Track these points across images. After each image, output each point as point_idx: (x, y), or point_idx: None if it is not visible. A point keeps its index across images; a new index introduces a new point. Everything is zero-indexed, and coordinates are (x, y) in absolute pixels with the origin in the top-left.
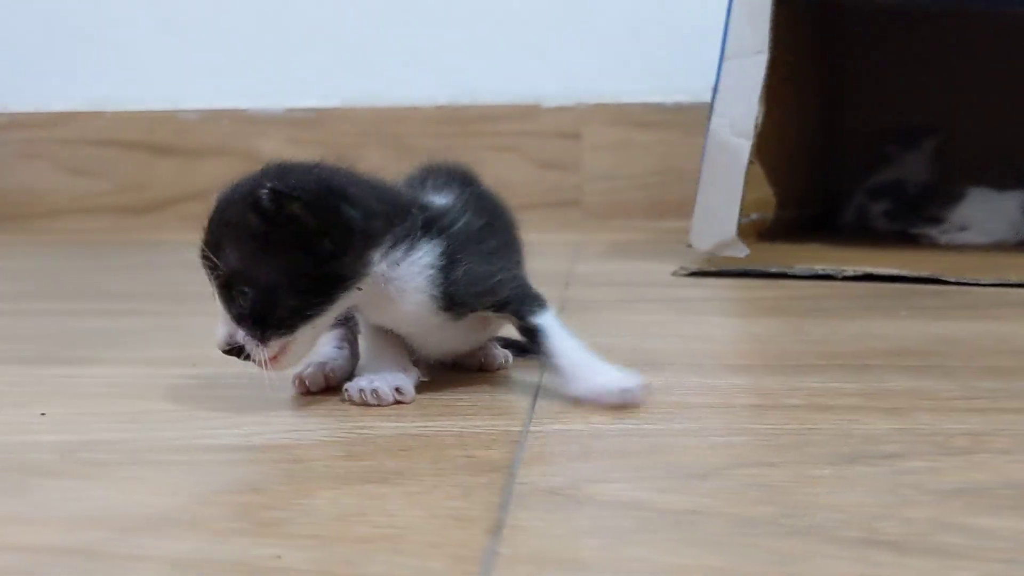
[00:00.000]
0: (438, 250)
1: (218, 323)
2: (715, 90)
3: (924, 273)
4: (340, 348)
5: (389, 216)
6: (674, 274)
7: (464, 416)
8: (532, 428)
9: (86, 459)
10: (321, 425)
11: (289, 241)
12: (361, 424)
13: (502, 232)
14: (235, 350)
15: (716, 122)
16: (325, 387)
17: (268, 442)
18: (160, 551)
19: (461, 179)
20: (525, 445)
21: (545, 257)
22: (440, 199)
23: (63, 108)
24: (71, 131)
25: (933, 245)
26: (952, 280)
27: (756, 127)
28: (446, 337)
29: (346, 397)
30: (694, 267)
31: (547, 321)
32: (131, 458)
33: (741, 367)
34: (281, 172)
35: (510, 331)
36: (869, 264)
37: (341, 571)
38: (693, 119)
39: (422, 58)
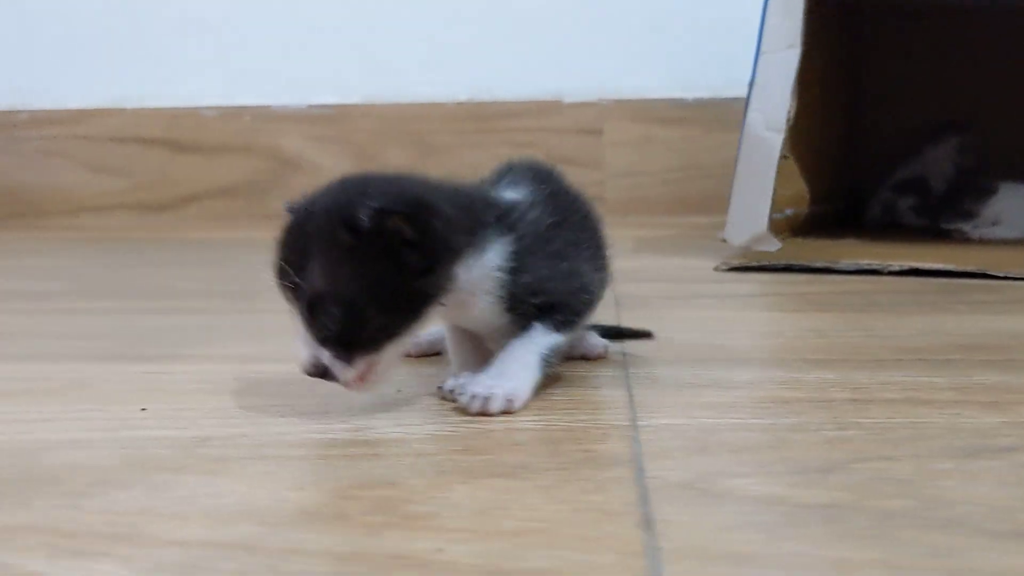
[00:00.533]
0: (507, 250)
1: (299, 345)
2: (751, 85)
3: (970, 268)
4: (468, 358)
5: (471, 227)
6: (716, 269)
7: (566, 411)
8: (640, 423)
9: (206, 455)
10: (424, 419)
11: (379, 258)
12: (465, 418)
13: (574, 230)
14: (319, 372)
15: (752, 117)
16: (404, 355)
17: (381, 436)
18: (317, 545)
19: (538, 176)
20: (640, 440)
21: None
22: (510, 195)
23: (83, 105)
24: (91, 128)
25: (966, 240)
26: (999, 275)
27: (788, 121)
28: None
29: (447, 396)
30: (736, 262)
31: (539, 333)
32: (251, 453)
33: (822, 362)
34: (366, 185)
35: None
36: (910, 259)
37: (506, 565)
38: (714, 115)
39: (442, 55)
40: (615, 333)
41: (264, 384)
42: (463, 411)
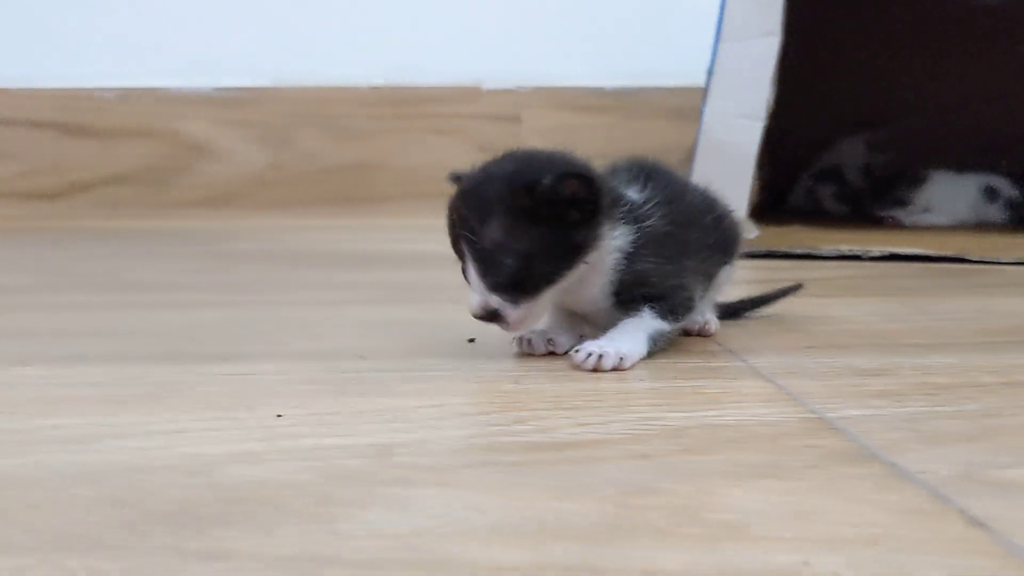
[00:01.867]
0: (630, 238)
1: (471, 292)
2: (710, 73)
3: (948, 253)
4: (562, 324)
5: (613, 204)
6: None
7: (733, 405)
8: (830, 415)
9: (408, 464)
10: (598, 417)
11: (550, 216)
12: (645, 416)
13: (685, 233)
14: (488, 315)
15: (714, 105)
16: (546, 353)
17: (575, 438)
18: (650, 563)
19: (657, 175)
20: (853, 432)
21: None
22: (635, 193)
23: None
24: None
25: (900, 226)
26: (975, 259)
27: (769, 108)
28: (613, 321)
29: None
30: None
31: (648, 315)
32: (456, 460)
33: (924, 347)
34: (535, 157)
35: None
36: (886, 245)
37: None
38: (634, 103)
39: (359, 36)
40: (754, 303)
41: (371, 382)
42: (578, 368)
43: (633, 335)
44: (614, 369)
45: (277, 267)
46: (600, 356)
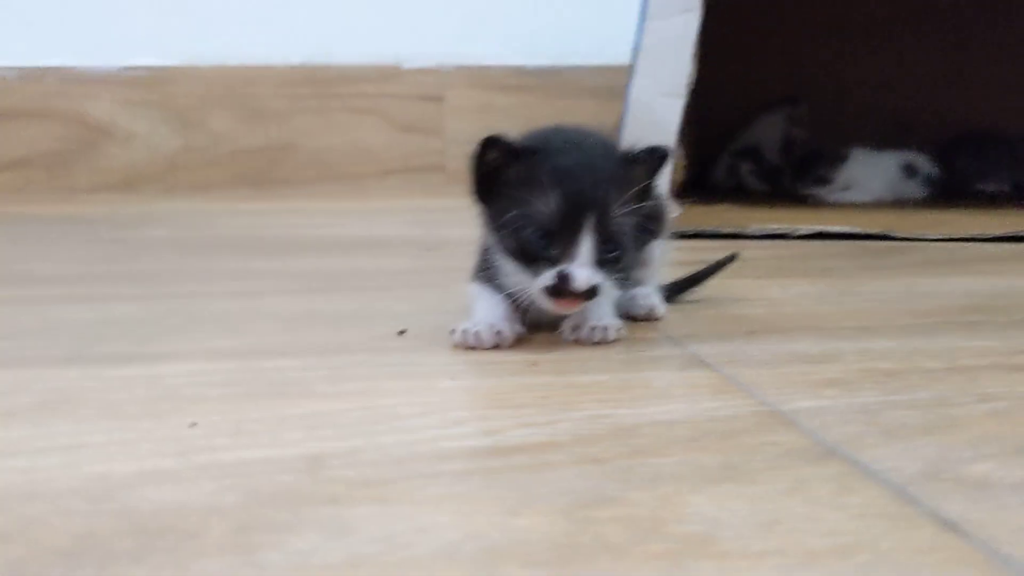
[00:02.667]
0: None
1: (573, 267)
2: (636, 50)
3: (875, 230)
4: (505, 318)
5: None
6: None
7: (683, 398)
8: (782, 407)
9: (343, 479)
10: (543, 416)
11: (649, 192)
12: (592, 414)
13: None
14: (591, 290)
15: (639, 83)
16: (493, 346)
17: (524, 442)
18: None
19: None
20: (806, 426)
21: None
22: None
23: None
24: None
25: (822, 204)
26: (900, 236)
27: (689, 86)
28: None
29: (451, 340)
30: None
31: (608, 287)
32: (397, 473)
33: (861, 330)
34: (597, 133)
35: None
36: (810, 223)
37: None
38: (554, 82)
39: (273, 13)
40: (692, 281)
41: (294, 383)
42: (582, 343)
43: (607, 306)
44: (601, 340)
45: (190, 255)
46: (605, 328)
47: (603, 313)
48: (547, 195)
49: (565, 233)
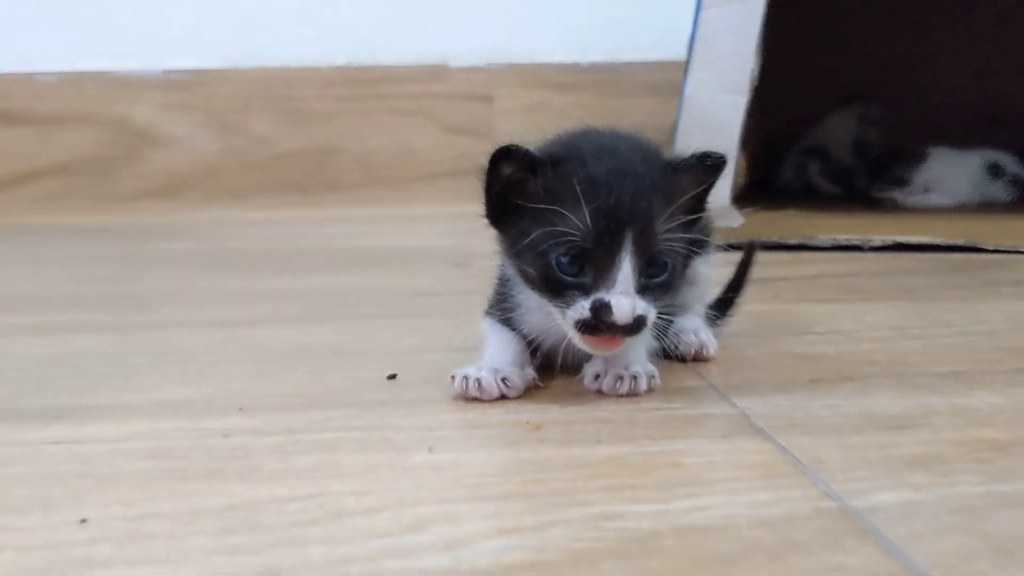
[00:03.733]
0: None
1: (614, 294)
2: (692, 42)
3: (959, 241)
4: (515, 362)
5: None
6: None
7: (721, 485)
8: (853, 502)
9: None
10: (531, 517)
11: (693, 206)
12: (584, 511)
13: None
14: (633, 325)
15: (696, 78)
16: (497, 397)
17: (495, 562)
18: None
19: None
20: (893, 538)
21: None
22: None
23: None
24: None
25: (899, 208)
26: (989, 248)
27: (752, 81)
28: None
29: (451, 388)
30: None
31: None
32: None
33: (959, 375)
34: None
35: None
36: (889, 232)
37: None
38: (611, 79)
39: (316, 12)
40: (732, 294)
41: (233, 456)
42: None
43: (640, 351)
44: (629, 392)
45: (198, 273)
46: (634, 378)
47: (634, 356)
48: (577, 209)
49: (600, 254)
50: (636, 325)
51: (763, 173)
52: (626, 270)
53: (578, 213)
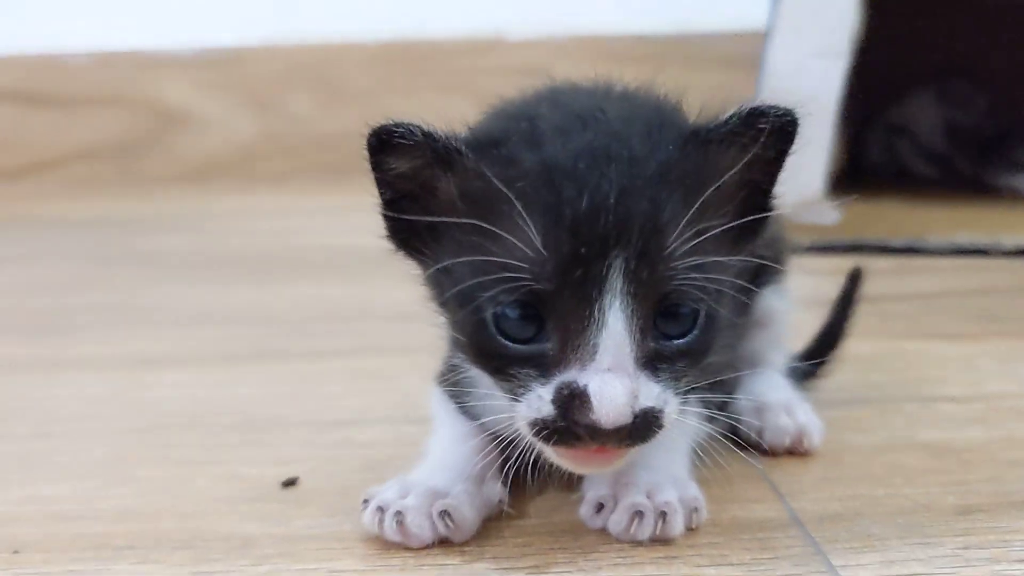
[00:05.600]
0: None
1: (594, 373)
2: (775, 3)
3: None
4: (468, 475)
5: None
6: None
7: None
8: None
9: None
10: None
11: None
12: None
13: None
14: (636, 425)
15: (780, 43)
16: (433, 541)
17: None
18: None
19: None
20: None
21: None
22: None
23: None
24: None
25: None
26: None
27: (853, 40)
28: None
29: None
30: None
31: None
32: None
33: None
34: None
35: None
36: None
37: None
38: (681, 52)
39: None
40: (830, 339)
41: None
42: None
43: (674, 455)
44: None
45: (159, 283)
46: (663, 515)
47: (665, 464)
48: (522, 225)
49: (568, 302)
50: (642, 427)
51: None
52: (615, 328)
53: (523, 231)
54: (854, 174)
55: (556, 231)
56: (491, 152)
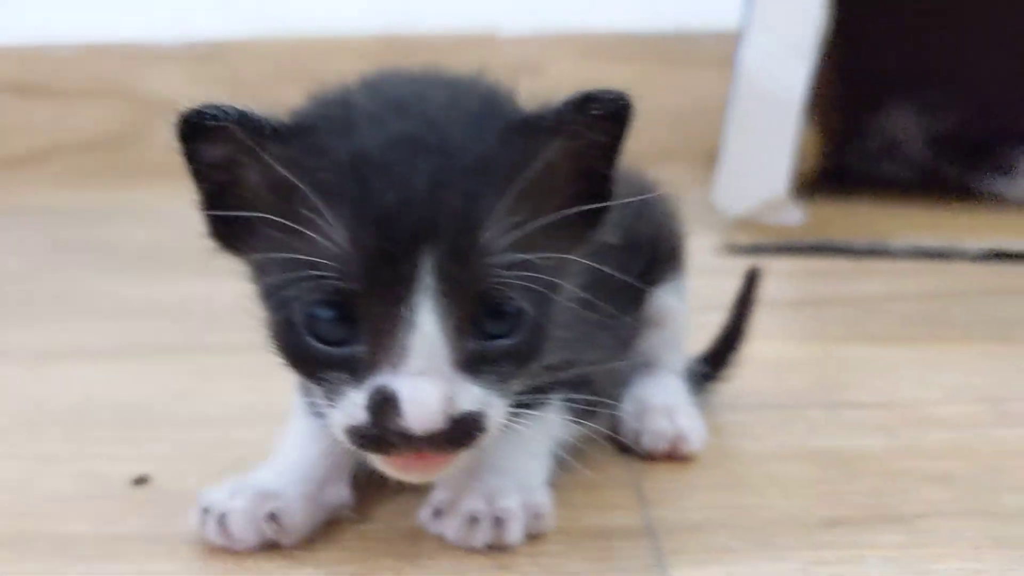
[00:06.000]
0: None
1: (403, 376)
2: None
3: None
4: (311, 477)
5: None
6: (729, 252)
7: None
8: None
9: None
10: None
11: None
12: None
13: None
14: (457, 429)
15: (753, 42)
16: (260, 544)
17: None
18: None
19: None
20: None
21: None
22: None
23: None
24: None
25: (1001, 201)
26: None
27: (819, 39)
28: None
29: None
30: (747, 242)
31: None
32: None
33: None
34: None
35: None
36: (983, 234)
37: None
38: (676, 51)
39: None
40: (731, 339)
41: None
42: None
43: (532, 462)
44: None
45: (116, 271)
46: (499, 520)
47: (512, 474)
48: (327, 219)
49: (377, 301)
50: (461, 432)
51: (838, 158)
52: (427, 329)
53: (328, 226)
54: (834, 177)
55: (362, 227)
56: (300, 141)
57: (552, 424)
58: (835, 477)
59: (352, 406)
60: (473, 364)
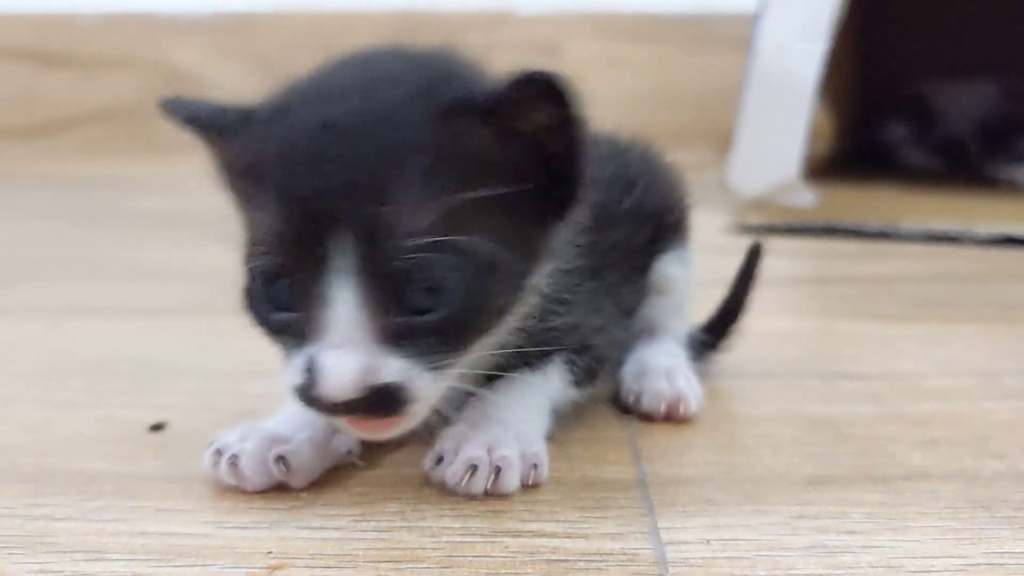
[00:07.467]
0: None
1: (325, 348)
2: None
3: None
4: (318, 423)
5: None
6: (740, 232)
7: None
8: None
9: None
10: None
11: (511, 174)
12: None
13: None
14: (375, 397)
15: (768, 26)
16: (271, 485)
17: None
18: None
19: None
20: None
21: None
22: None
23: None
24: None
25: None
26: None
27: (833, 25)
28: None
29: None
30: (759, 222)
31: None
32: None
33: None
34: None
35: None
36: (994, 219)
37: None
38: (696, 33)
39: None
40: (731, 310)
41: None
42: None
43: (524, 414)
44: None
45: (141, 237)
46: (498, 469)
47: (513, 426)
48: (264, 198)
49: (303, 276)
50: (381, 401)
51: (861, 142)
52: (344, 304)
53: (264, 208)
54: (850, 160)
55: (284, 210)
56: (246, 131)
57: (554, 382)
58: (825, 440)
59: (295, 370)
60: (396, 338)
